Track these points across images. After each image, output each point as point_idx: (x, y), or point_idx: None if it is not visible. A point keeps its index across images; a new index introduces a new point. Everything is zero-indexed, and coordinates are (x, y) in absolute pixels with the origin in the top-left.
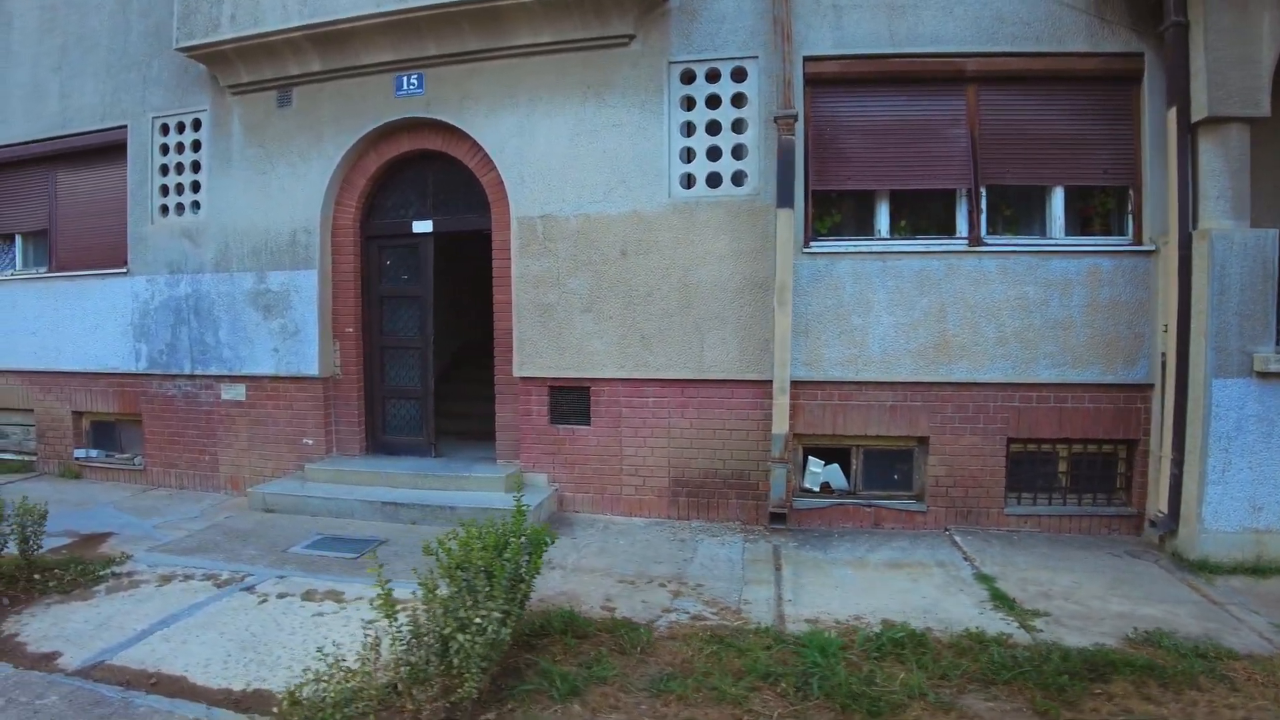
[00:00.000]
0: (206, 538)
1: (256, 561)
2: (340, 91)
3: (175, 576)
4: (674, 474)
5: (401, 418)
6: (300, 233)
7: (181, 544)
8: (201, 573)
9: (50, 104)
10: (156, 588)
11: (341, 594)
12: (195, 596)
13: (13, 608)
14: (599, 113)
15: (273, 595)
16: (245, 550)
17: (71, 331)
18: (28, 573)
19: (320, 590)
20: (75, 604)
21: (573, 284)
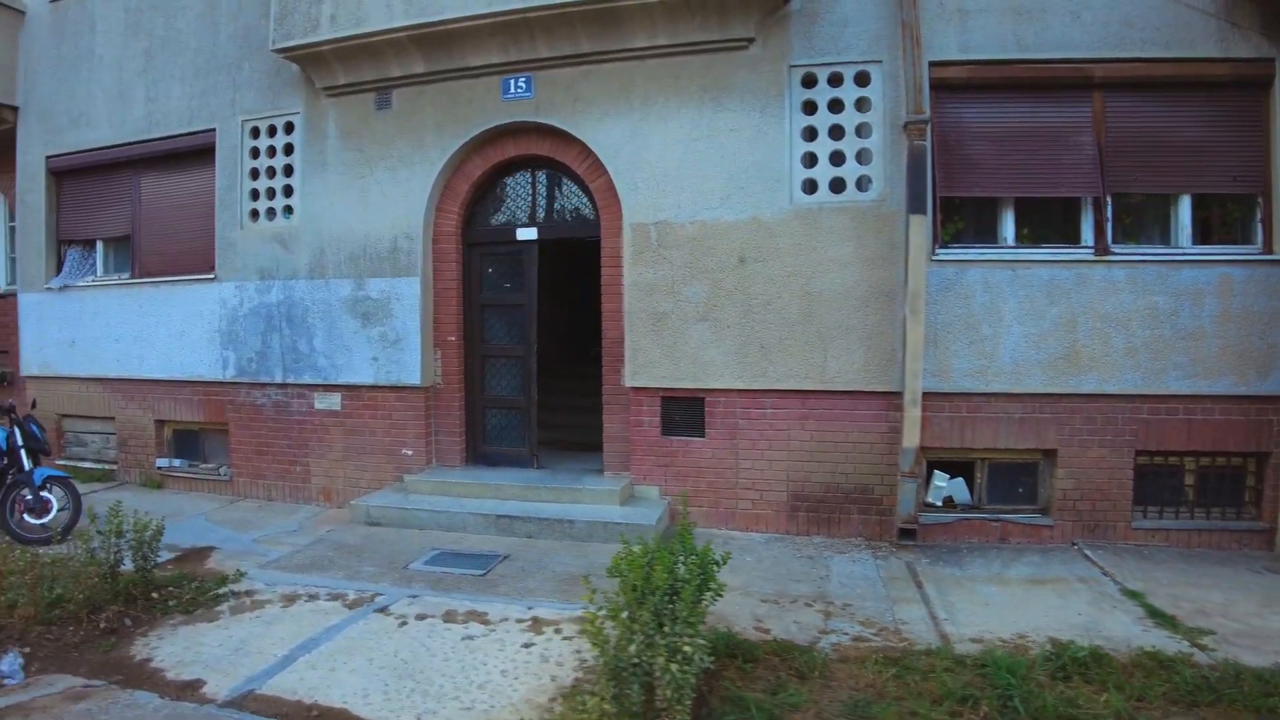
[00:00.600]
0: (318, 554)
1: (379, 579)
2: (443, 94)
3: (299, 596)
4: (793, 488)
5: (502, 428)
6: (402, 239)
7: (293, 560)
8: (326, 592)
9: (135, 108)
10: (283, 608)
11: (484, 615)
12: (328, 618)
13: (137, 629)
14: (716, 117)
15: (410, 617)
16: (363, 567)
17: (155, 339)
18: (145, 591)
19: (460, 611)
20: (201, 625)
21: (688, 292)
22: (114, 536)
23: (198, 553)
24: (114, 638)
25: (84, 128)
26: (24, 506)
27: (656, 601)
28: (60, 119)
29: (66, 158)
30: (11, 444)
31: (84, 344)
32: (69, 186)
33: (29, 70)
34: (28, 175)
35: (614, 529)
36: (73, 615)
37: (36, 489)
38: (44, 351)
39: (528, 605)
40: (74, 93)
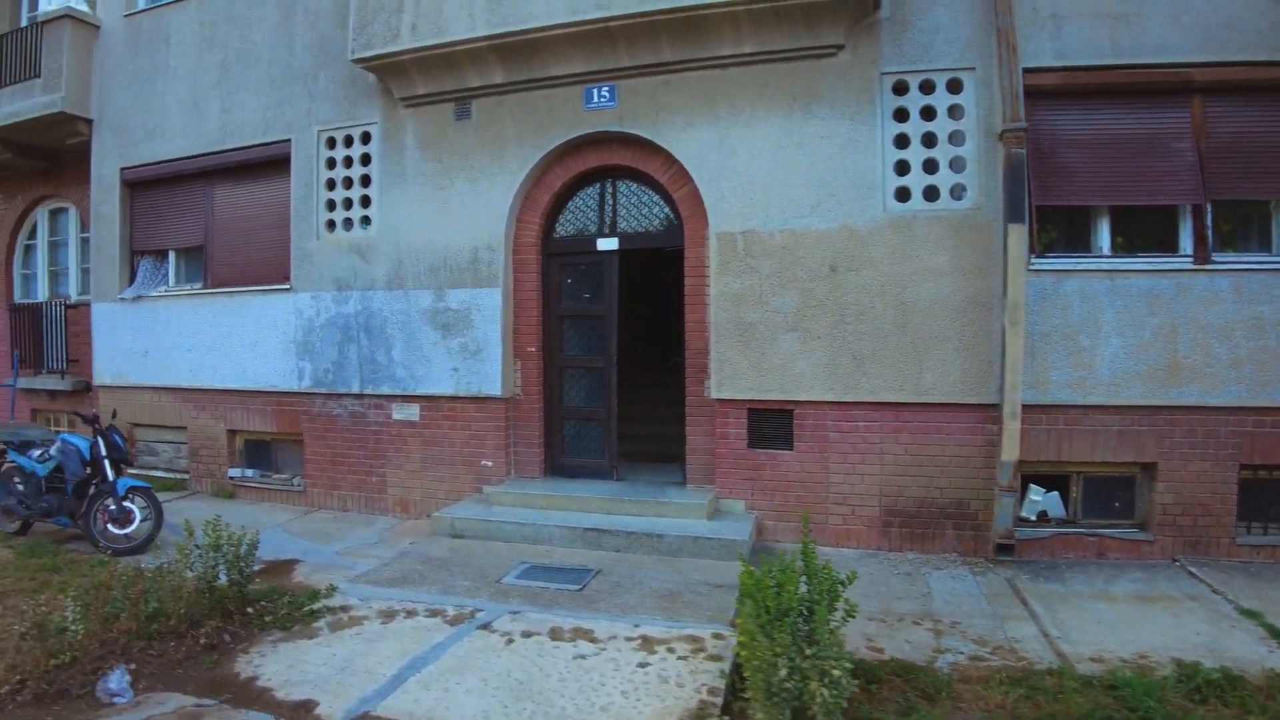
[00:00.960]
0: (406, 567)
1: (475, 594)
2: (524, 104)
3: (397, 612)
4: (886, 503)
5: (580, 439)
6: (483, 250)
7: (383, 574)
8: (423, 607)
9: (209, 119)
10: (382, 625)
11: (591, 632)
12: (432, 635)
13: (238, 646)
14: (806, 124)
15: (516, 634)
16: (456, 581)
17: (229, 349)
18: (240, 605)
19: (565, 628)
20: (302, 642)
21: (777, 302)
22: (212, 550)
23: (282, 565)
24: (215, 654)
25: (158, 140)
26: (108, 516)
27: (791, 622)
28: (135, 131)
29: (140, 169)
30: (95, 454)
31: (156, 354)
32: (142, 198)
33: (103, 84)
34: (102, 187)
35: (704, 544)
36: (172, 630)
37: (120, 499)
38: (116, 361)
39: (633, 623)
40: (148, 105)
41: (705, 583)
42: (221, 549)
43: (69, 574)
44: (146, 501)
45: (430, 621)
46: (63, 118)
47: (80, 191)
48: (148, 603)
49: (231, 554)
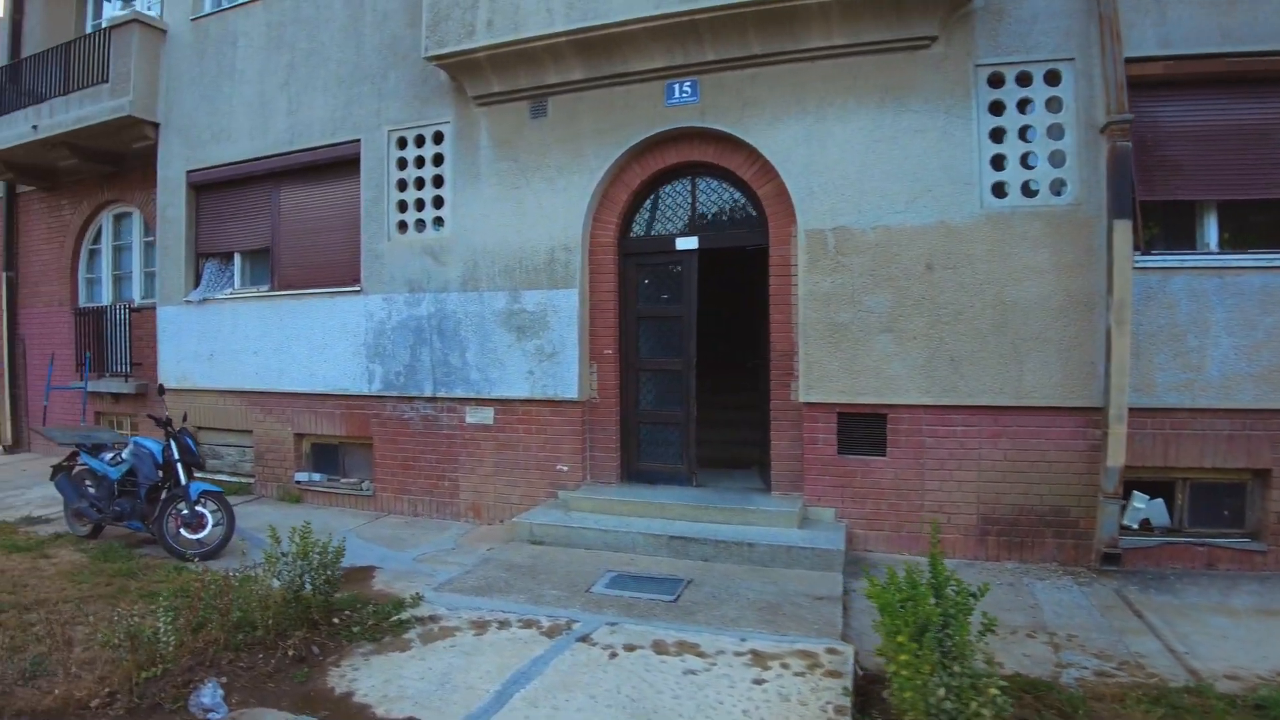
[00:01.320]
0: (490, 575)
1: (567, 604)
2: (602, 101)
3: (489, 622)
4: (983, 510)
5: (657, 444)
6: (559, 251)
7: (467, 582)
8: (515, 618)
9: (276, 120)
10: (475, 636)
11: (696, 646)
12: (530, 649)
13: (327, 658)
14: (899, 118)
15: (618, 647)
16: (544, 590)
17: (296, 351)
18: (326, 615)
19: (668, 641)
20: (395, 654)
21: (870, 301)
22: (299, 558)
23: (359, 572)
24: (305, 667)
25: (224, 142)
26: (180, 521)
27: (933, 637)
28: (201, 134)
29: (206, 172)
30: (168, 458)
31: (222, 356)
32: (208, 200)
33: (169, 87)
34: (168, 190)
35: (798, 554)
36: (259, 641)
37: (192, 503)
38: (182, 364)
39: (739, 636)
40: (215, 108)
41: (804, 594)
42: (309, 557)
43: (145, 579)
44: (218, 506)
45: (525, 633)
46: (130, 121)
47: (144, 195)
48: (235, 612)
49: (318, 562)
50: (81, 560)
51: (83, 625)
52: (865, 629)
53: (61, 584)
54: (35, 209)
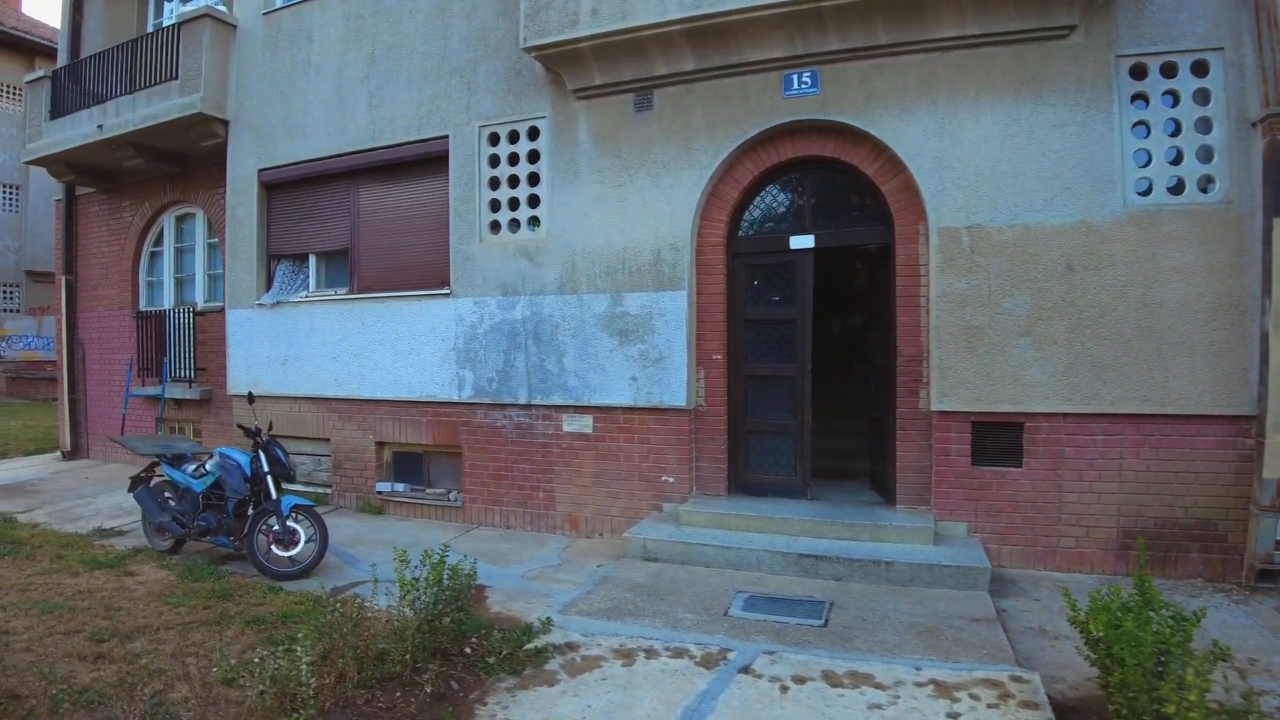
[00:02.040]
0: (614, 596)
1: (709, 629)
2: (714, 92)
3: (635, 651)
4: (1124, 524)
5: (768, 454)
6: (666, 250)
7: (592, 604)
8: (661, 645)
9: (356, 116)
10: (624, 667)
11: (870, 676)
12: (691, 681)
13: (469, 694)
14: (1036, 111)
15: (786, 679)
16: (679, 613)
17: (379, 357)
18: (458, 645)
19: (837, 671)
20: (541, 690)
21: (1007, 304)
22: (433, 585)
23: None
24: (449, 705)
25: (298, 139)
26: (272, 538)
27: (1175, 670)
28: (274, 131)
29: (279, 170)
30: (257, 470)
31: (297, 362)
32: (280, 200)
33: (240, 83)
34: (238, 189)
35: (940, 572)
36: (394, 677)
37: (284, 518)
38: (253, 369)
39: (912, 664)
40: (289, 104)
41: (957, 616)
42: (444, 582)
43: (242, 602)
44: (311, 521)
45: (678, 663)
46: (200, 119)
47: (208, 196)
48: (375, 646)
49: (451, 587)
50: (169, 579)
51: (193, 657)
52: (1030, 652)
53: (156, 607)
54: (95, 211)
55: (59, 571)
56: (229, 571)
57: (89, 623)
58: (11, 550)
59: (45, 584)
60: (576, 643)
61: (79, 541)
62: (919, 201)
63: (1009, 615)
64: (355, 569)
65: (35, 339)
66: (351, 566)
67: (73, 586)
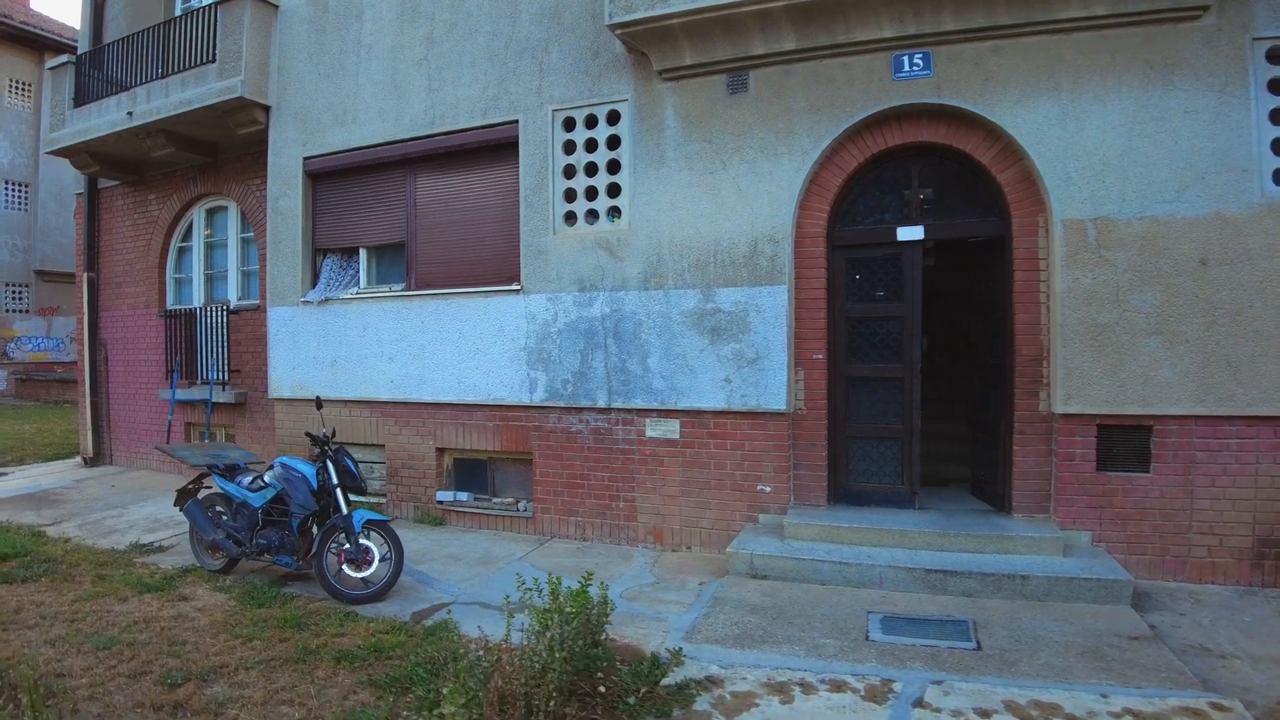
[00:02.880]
0: (736, 620)
1: (858, 656)
2: (816, 74)
3: (786, 685)
4: (1260, 531)
5: (870, 460)
6: (763, 242)
7: (716, 629)
8: (815, 678)
9: (413, 101)
10: (784, 705)
11: (1059, 707)
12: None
13: None
14: (1165, 97)
15: (968, 712)
16: (817, 638)
17: (440, 358)
18: (591, 683)
19: (1019, 702)
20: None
21: (1136, 300)
22: (568, 615)
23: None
24: None
25: (349, 125)
26: (344, 557)
27: None
28: (320, 117)
29: (327, 159)
30: (325, 482)
31: (347, 363)
32: (327, 190)
33: (282, 67)
34: (281, 179)
35: (1078, 586)
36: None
37: (356, 536)
38: (298, 371)
39: (1097, 692)
40: (337, 88)
41: (1111, 633)
42: (566, 613)
43: (320, 632)
44: (385, 538)
45: (842, 698)
46: (239, 104)
47: (243, 188)
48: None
49: (582, 618)
50: (229, 605)
51: (288, 705)
52: (1204, 673)
53: (225, 641)
54: (119, 205)
55: (104, 595)
56: (292, 594)
57: (154, 661)
58: (48, 570)
59: (93, 612)
60: (718, 676)
61: (118, 559)
62: (1038, 192)
63: (1162, 632)
64: (431, 588)
65: (45, 340)
66: (427, 586)
67: (124, 615)
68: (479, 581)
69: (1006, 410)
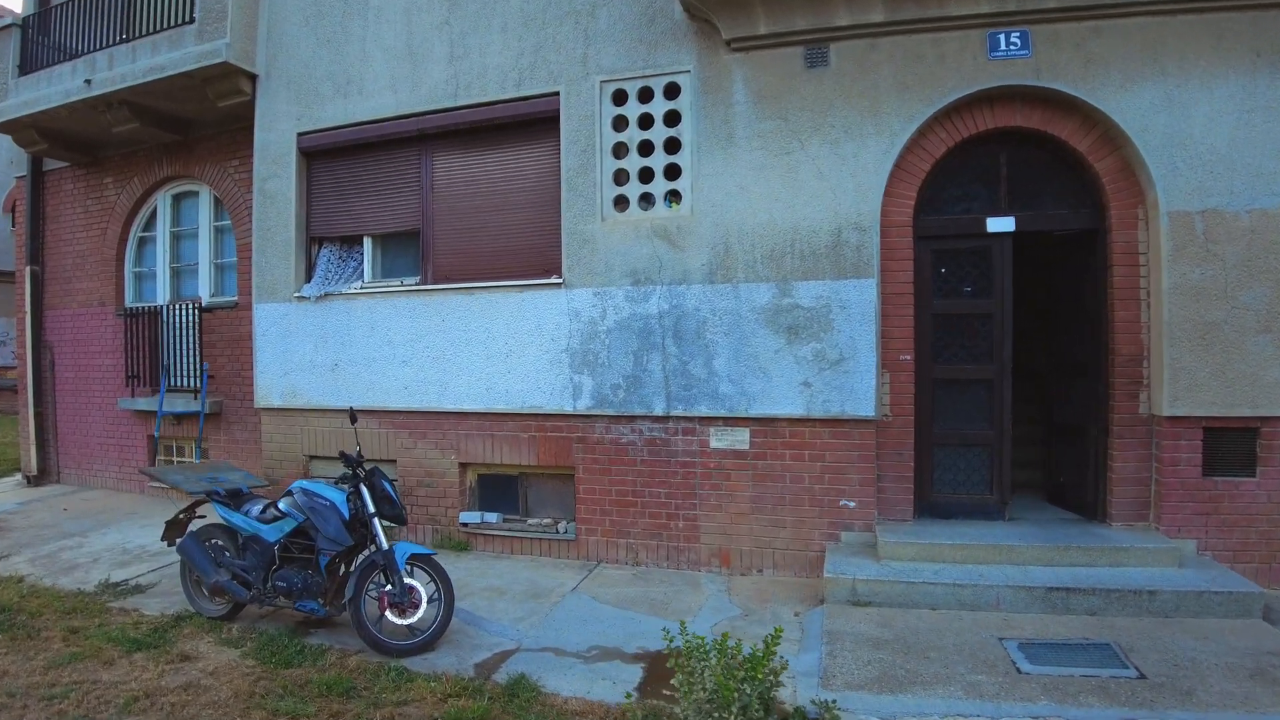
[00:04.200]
0: (867, 658)
1: (1022, 693)
2: (905, 49)
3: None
4: None
5: (955, 469)
6: (848, 231)
7: (852, 673)
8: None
9: (431, 70)
10: None
11: None
12: None
13: None
14: (1274, 85)
15: None
16: (966, 674)
17: (465, 360)
18: None
19: None
20: None
21: (1245, 297)
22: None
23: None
24: None
25: (354, 97)
26: (388, 601)
27: None
28: (319, 87)
29: (326, 134)
30: (359, 511)
31: (352, 367)
32: (325, 170)
33: (274, 30)
34: (271, 158)
35: (1207, 599)
36: None
37: (400, 575)
38: (290, 376)
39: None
40: (340, 55)
41: (1266, 651)
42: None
43: (376, 700)
44: (431, 576)
45: None
46: (223, 71)
47: (217, 170)
48: None
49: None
50: (246, 665)
51: None
52: None
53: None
54: (68, 190)
55: (85, 658)
56: (320, 646)
57: None
58: (3, 623)
59: (76, 685)
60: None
61: (89, 604)
62: (1137, 182)
63: None
64: (483, 630)
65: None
66: (476, 627)
67: (117, 687)
68: (537, 620)
69: (1099, 412)
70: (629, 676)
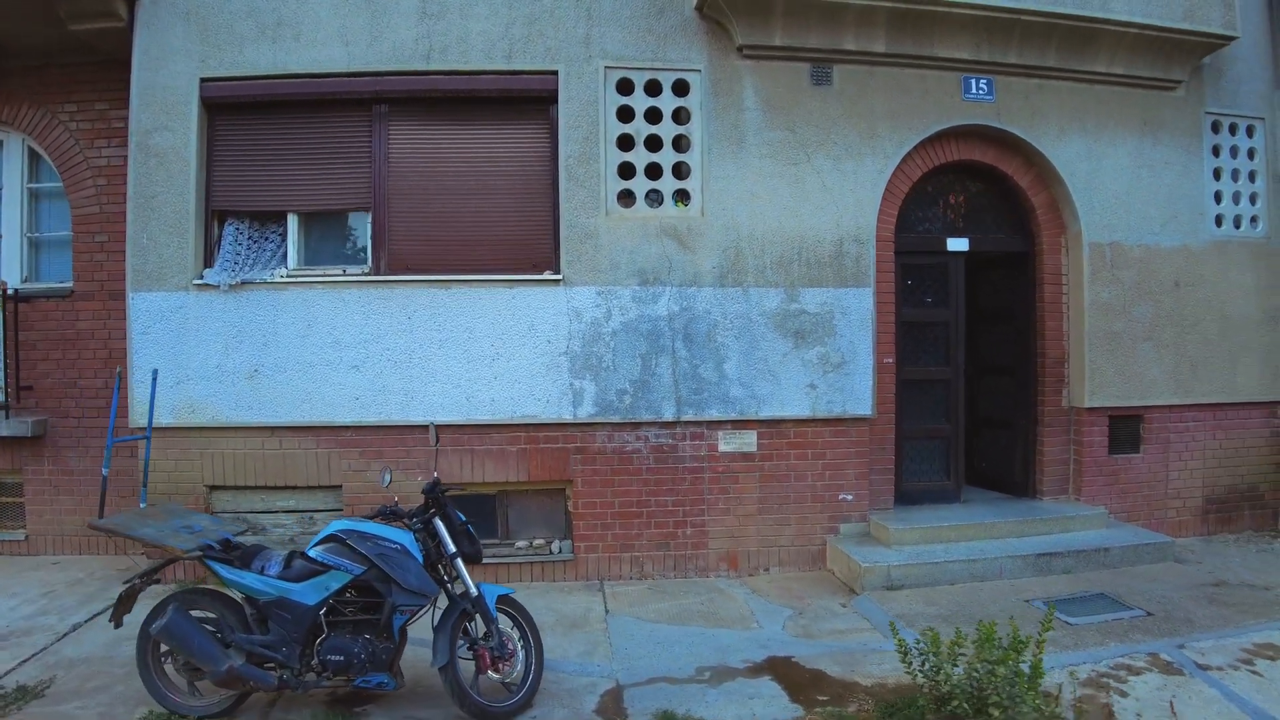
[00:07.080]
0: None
1: (1094, 640)
2: (895, 80)
3: (1102, 678)
4: (1205, 493)
5: (921, 460)
6: (849, 243)
7: None
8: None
9: (397, 24)
10: (1130, 694)
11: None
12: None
13: None
14: (1154, 149)
15: (1238, 664)
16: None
17: (439, 364)
18: None
19: (1251, 646)
20: None
21: (1136, 312)
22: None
23: (778, 669)
24: None
25: (286, 43)
26: (489, 657)
27: None
28: (237, 25)
29: (245, 84)
30: (436, 550)
31: (278, 374)
32: (237, 128)
33: None
34: (158, 106)
35: (1142, 551)
36: None
37: (495, 622)
38: (186, 386)
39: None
40: None
41: (1200, 584)
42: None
43: None
44: (515, 619)
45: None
46: None
47: (39, 114)
48: None
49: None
50: None
51: None
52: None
53: None
54: None
55: None
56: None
57: None
58: None
59: None
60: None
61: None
62: (1061, 217)
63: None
64: (560, 671)
65: None
66: (549, 669)
67: None
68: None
69: (1028, 407)
70: (768, 691)
